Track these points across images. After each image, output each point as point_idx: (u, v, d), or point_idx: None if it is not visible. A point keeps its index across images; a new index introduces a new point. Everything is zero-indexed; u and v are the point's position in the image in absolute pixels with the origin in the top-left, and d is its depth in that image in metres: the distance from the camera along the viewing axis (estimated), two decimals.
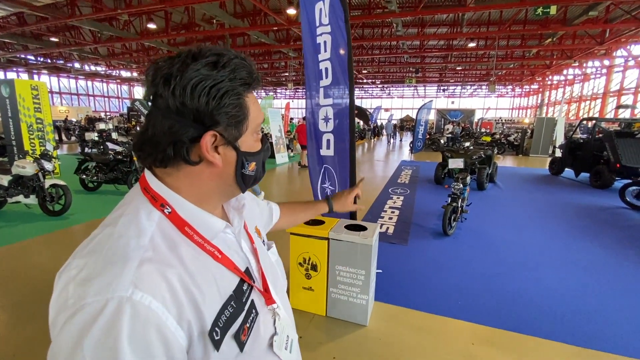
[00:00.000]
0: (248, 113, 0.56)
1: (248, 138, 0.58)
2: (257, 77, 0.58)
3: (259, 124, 0.60)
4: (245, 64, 0.55)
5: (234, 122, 0.55)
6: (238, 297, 0.56)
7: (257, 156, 0.61)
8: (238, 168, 0.58)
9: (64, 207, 4.97)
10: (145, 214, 0.52)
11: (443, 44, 18.86)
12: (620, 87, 21.42)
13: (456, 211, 4.47)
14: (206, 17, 14.04)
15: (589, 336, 2.44)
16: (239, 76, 0.54)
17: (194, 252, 0.53)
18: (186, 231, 0.54)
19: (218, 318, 0.51)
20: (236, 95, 0.53)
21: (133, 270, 0.45)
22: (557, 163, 9.51)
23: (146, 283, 0.45)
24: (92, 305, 0.42)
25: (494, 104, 41.51)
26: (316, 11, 2.89)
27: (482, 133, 16.43)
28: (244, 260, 0.63)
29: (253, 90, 0.58)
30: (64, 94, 31.30)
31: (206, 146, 0.52)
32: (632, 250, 4.06)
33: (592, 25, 13.07)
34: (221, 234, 0.60)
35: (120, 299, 0.42)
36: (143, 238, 0.49)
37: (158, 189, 0.55)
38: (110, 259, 0.46)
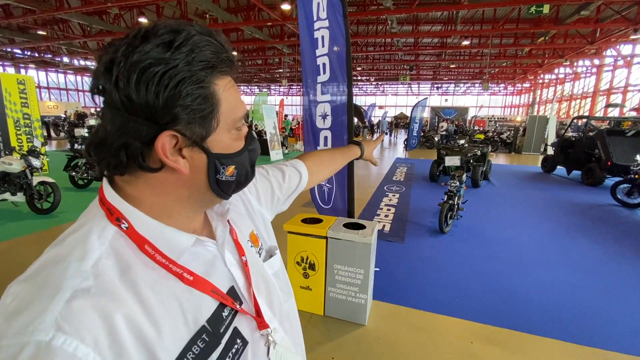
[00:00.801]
0: (218, 104, 0.45)
1: (222, 136, 0.47)
2: (229, 57, 0.46)
3: (238, 118, 0.49)
4: (211, 40, 0.44)
5: (198, 118, 0.43)
6: (214, 326, 0.46)
7: (238, 157, 0.49)
8: (211, 174, 0.47)
9: (52, 205, 4.85)
10: (98, 231, 0.43)
11: (437, 41, 18.91)
12: (609, 86, 21.76)
13: (452, 209, 4.47)
14: (199, 12, 13.83)
15: (586, 333, 2.45)
16: (199, 58, 0.42)
17: (155, 276, 0.43)
18: (146, 250, 0.44)
19: (181, 358, 0.42)
20: (196, 82, 0.42)
21: (61, 305, 0.36)
22: (550, 161, 9.62)
23: (74, 323, 0.35)
24: (8, 349, 0.34)
25: (486, 101, 41.88)
26: (314, 5, 2.82)
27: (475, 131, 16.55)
28: (228, 277, 0.52)
29: (226, 75, 0.47)
30: (53, 89, 30.62)
31: (163, 150, 0.42)
32: (624, 247, 4.11)
33: (583, 25, 13.22)
34: (198, 248, 0.50)
35: (38, 345, 0.34)
36: (86, 262, 0.40)
37: (113, 201, 0.45)
38: (41, 289, 0.37)
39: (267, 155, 11.26)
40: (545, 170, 9.77)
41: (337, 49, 2.77)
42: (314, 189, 3.27)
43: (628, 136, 7.85)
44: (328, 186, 3.15)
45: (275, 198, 0.80)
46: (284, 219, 2.68)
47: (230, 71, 0.48)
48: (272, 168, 0.83)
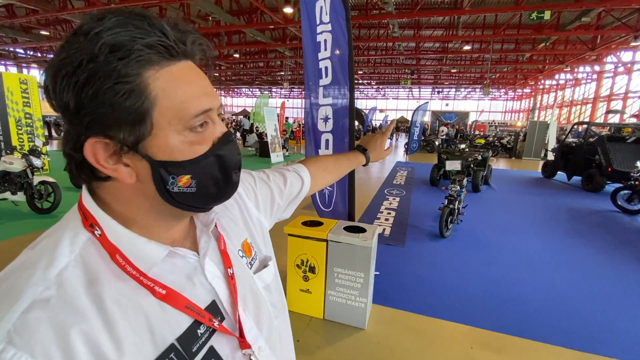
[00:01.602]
0: (155, 100, 0.38)
1: (168, 139, 0.40)
2: (167, 40, 0.38)
3: (189, 115, 0.40)
4: (135, 22, 0.37)
5: (125, 119, 0.37)
6: (185, 345, 0.42)
7: (195, 165, 0.42)
8: (157, 184, 0.41)
9: (53, 205, 4.84)
10: (70, 237, 0.41)
11: (438, 46, 18.98)
12: (610, 93, 21.82)
13: (453, 213, 4.47)
14: (202, 14, 13.89)
15: (585, 339, 2.44)
16: (119, 46, 0.35)
17: (124, 288, 0.40)
18: (117, 260, 0.41)
19: None
20: (112, 76, 0.35)
21: (16, 315, 0.34)
22: (550, 166, 9.62)
23: (26, 336, 0.33)
24: None
25: (487, 106, 41.98)
26: (317, 9, 2.84)
27: (476, 135, 16.58)
28: (209, 291, 0.48)
29: (173, 62, 0.39)
30: None
31: (95, 157, 0.38)
32: (625, 254, 4.10)
33: (584, 31, 13.29)
34: (177, 260, 0.46)
35: None
36: (52, 270, 0.37)
37: (88, 206, 0.43)
38: (3, 296, 0.36)
39: (268, 157, 11.27)
40: (546, 176, 9.78)
41: (338, 52, 2.78)
42: (315, 192, 3.28)
43: (628, 142, 7.86)
44: (329, 189, 3.15)
45: (276, 205, 0.75)
46: (285, 222, 2.68)
47: (181, 57, 0.40)
48: (273, 172, 0.78)
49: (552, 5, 10.74)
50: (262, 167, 10.27)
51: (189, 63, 0.42)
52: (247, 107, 40.08)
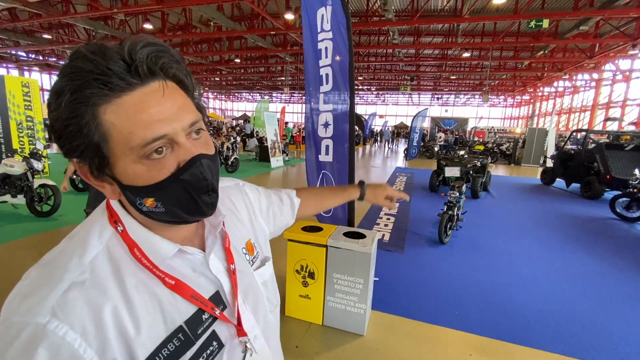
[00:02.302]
0: (105, 133, 0.41)
1: (128, 167, 0.43)
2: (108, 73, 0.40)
3: (137, 145, 0.42)
4: (81, 66, 0.39)
5: (84, 153, 0.43)
6: (191, 327, 0.49)
7: (158, 191, 0.44)
8: (131, 203, 0.46)
9: (52, 208, 4.84)
10: (98, 230, 0.48)
11: (438, 53, 19.14)
12: (608, 100, 21.96)
13: (452, 219, 4.47)
14: (203, 19, 14.02)
15: (584, 347, 2.44)
16: (67, 96, 0.40)
17: (141, 277, 0.47)
18: (135, 253, 0.48)
19: (156, 353, 0.45)
20: (67, 121, 0.40)
21: (59, 294, 0.41)
22: (549, 173, 9.65)
23: (66, 311, 0.41)
24: (15, 326, 0.40)
25: (486, 113, 42.19)
26: (318, 17, 2.88)
27: (475, 142, 16.65)
28: (214, 283, 0.54)
29: (118, 94, 0.41)
30: None
31: (82, 172, 0.46)
32: (623, 261, 4.11)
33: (582, 40, 13.42)
34: (186, 255, 0.52)
35: (36, 327, 0.39)
36: (85, 257, 0.45)
37: (114, 205, 0.50)
38: (47, 277, 0.43)
39: (268, 161, 11.30)
40: (545, 183, 9.80)
41: (339, 58, 2.81)
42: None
43: (627, 150, 7.90)
44: None
45: (272, 216, 0.81)
46: None
47: (124, 88, 0.41)
48: (271, 191, 0.84)
49: (551, 14, 10.89)
50: (262, 171, 10.30)
51: (152, 86, 0.43)
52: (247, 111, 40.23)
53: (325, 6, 2.79)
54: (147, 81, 0.43)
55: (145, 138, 0.42)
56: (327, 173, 3.15)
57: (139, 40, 0.42)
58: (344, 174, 2.99)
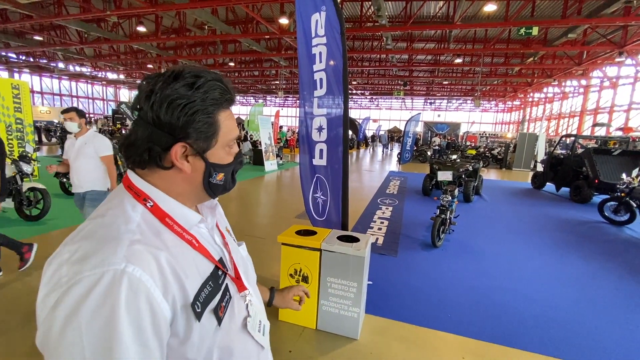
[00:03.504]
0: (218, 129, 0.63)
1: (218, 151, 0.65)
2: (231, 96, 0.65)
3: (231, 139, 0.67)
4: (219, 85, 0.62)
5: (203, 137, 0.61)
6: (215, 278, 0.64)
7: (226, 168, 0.68)
8: (205, 177, 0.65)
9: (42, 212, 4.76)
10: (130, 206, 0.60)
11: (431, 58, 19.38)
12: (596, 106, 22.45)
13: (445, 223, 4.51)
14: (197, 23, 14.00)
15: (573, 349, 2.47)
16: (211, 96, 0.61)
17: (175, 240, 0.61)
18: (167, 222, 0.61)
19: (199, 293, 0.59)
20: (206, 113, 0.60)
21: (125, 248, 0.52)
22: (539, 177, 9.80)
23: (137, 258, 0.52)
24: (89, 277, 0.48)
25: (478, 118, 42.73)
26: (312, 22, 2.91)
27: (467, 146, 16.84)
28: (218, 251, 0.70)
29: (228, 107, 0.65)
30: (46, 94, 30.37)
31: (175, 154, 0.60)
32: (611, 264, 4.18)
33: (570, 47, 13.73)
34: (196, 227, 0.67)
35: (115, 271, 0.49)
36: (131, 224, 0.57)
37: (141, 186, 0.62)
38: (103, 240, 0.53)
39: (262, 165, 11.27)
40: (535, 187, 9.95)
41: (332, 63, 2.84)
42: (309, 201, 3.29)
43: (614, 155, 8.07)
44: (322, 198, 3.17)
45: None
46: (278, 231, 2.68)
47: (230, 106, 0.66)
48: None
49: (540, 22, 11.13)
50: (256, 175, 10.26)
51: (231, 110, 0.69)
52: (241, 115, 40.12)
53: (320, 12, 2.82)
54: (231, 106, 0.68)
55: (232, 136, 0.67)
56: (321, 177, 3.16)
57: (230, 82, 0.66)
58: (337, 178, 3.00)
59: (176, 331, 0.56)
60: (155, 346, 0.52)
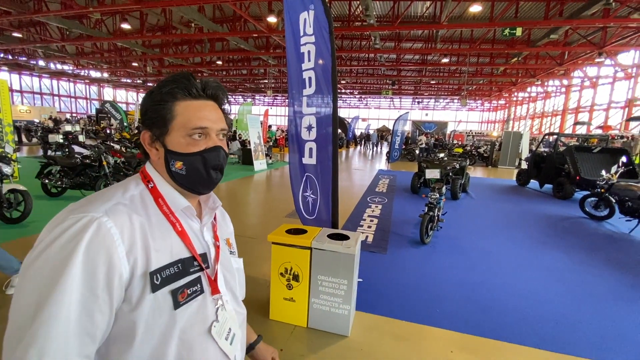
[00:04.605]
0: (173, 116, 0.68)
1: (177, 139, 0.68)
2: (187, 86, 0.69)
3: (191, 127, 0.68)
4: (179, 79, 0.69)
5: (157, 124, 0.68)
6: (186, 264, 0.68)
7: (187, 158, 0.69)
8: (166, 163, 0.70)
9: (23, 214, 4.61)
10: (135, 184, 0.70)
11: (418, 58, 19.60)
12: (577, 105, 23.15)
13: (433, 220, 4.58)
14: (184, 21, 13.80)
15: (557, 340, 2.55)
16: (166, 89, 0.68)
17: (160, 218, 0.68)
18: (159, 202, 0.69)
19: (163, 269, 0.63)
20: (157, 103, 0.67)
21: (110, 205, 0.61)
22: (524, 175, 10.04)
23: (114, 214, 0.60)
24: (72, 219, 0.57)
25: (464, 117, 43.47)
26: (300, 21, 2.91)
27: (454, 145, 17.11)
28: (204, 246, 0.74)
29: (188, 98, 0.69)
30: (26, 93, 29.40)
31: (144, 140, 0.71)
32: (592, 258, 4.32)
33: (552, 47, 14.11)
34: (184, 216, 0.72)
35: (92, 217, 0.57)
36: (127, 193, 0.66)
37: (149, 171, 0.73)
38: (98, 199, 0.63)
39: (251, 164, 11.19)
40: (520, 184, 10.19)
41: (321, 62, 2.84)
42: (299, 200, 3.29)
43: (594, 152, 8.34)
44: (312, 197, 3.18)
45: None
46: (268, 230, 2.68)
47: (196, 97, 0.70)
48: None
49: (523, 22, 11.40)
50: (245, 174, 10.19)
51: (209, 102, 0.72)
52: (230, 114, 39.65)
53: (308, 10, 2.82)
54: (208, 99, 0.72)
55: (195, 124, 0.69)
56: (310, 176, 3.17)
57: (212, 79, 0.73)
58: (327, 177, 3.01)
59: (130, 296, 0.59)
60: (103, 298, 0.56)
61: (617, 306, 3.12)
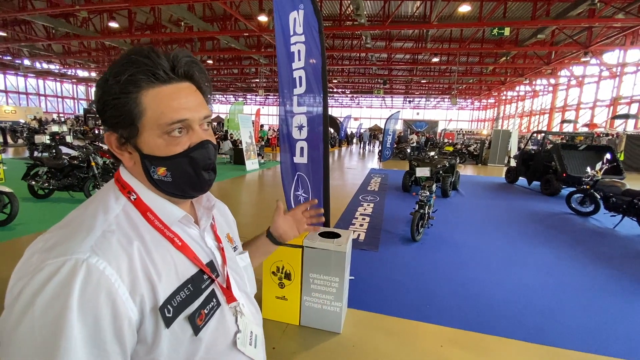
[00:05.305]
0: (141, 111, 0.53)
1: (153, 139, 0.54)
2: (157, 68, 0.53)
3: (164, 124, 0.54)
4: (135, 58, 0.53)
5: (122, 123, 0.54)
6: (196, 282, 0.59)
7: (170, 161, 0.56)
8: (145, 171, 0.57)
9: (9, 217, 4.52)
10: (114, 197, 0.57)
11: (409, 57, 19.74)
12: (564, 104, 23.62)
13: (423, 217, 4.64)
14: (173, 19, 13.64)
15: (544, 333, 2.62)
16: (124, 77, 0.52)
17: (154, 236, 0.56)
18: (148, 216, 0.57)
19: (172, 297, 0.54)
20: (116, 96, 0.52)
21: (95, 238, 0.49)
22: (512, 172, 10.21)
23: (104, 250, 0.48)
24: (51, 266, 0.45)
25: (455, 115, 43.94)
26: (290, 20, 2.91)
27: (445, 143, 17.30)
28: (208, 254, 0.65)
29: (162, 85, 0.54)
30: (11, 93, 28.72)
31: (109, 143, 0.57)
32: (578, 252, 4.43)
33: (540, 47, 14.37)
34: (182, 226, 0.62)
35: (77, 260, 0.46)
36: (109, 214, 0.54)
37: (126, 178, 0.59)
38: (77, 229, 0.50)
39: (243, 164, 11.14)
40: (509, 181, 10.36)
41: (313, 61, 2.86)
42: (290, 199, 3.30)
43: (580, 150, 8.54)
44: (304, 196, 3.19)
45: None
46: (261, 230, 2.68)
47: (165, 80, 0.55)
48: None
49: (511, 22, 11.58)
50: (237, 174, 10.15)
51: (183, 84, 0.57)
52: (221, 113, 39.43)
53: (297, 10, 2.83)
54: (181, 80, 0.57)
55: (172, 118, 0.54)
56: (302, 175, 3.18)
57: (181, 52, 0.57)
58: (318, 176, 3.03)
59: (144, 337, 0.51)
60: (115, 351, 0.47)
61: (601, 298, 3.21)
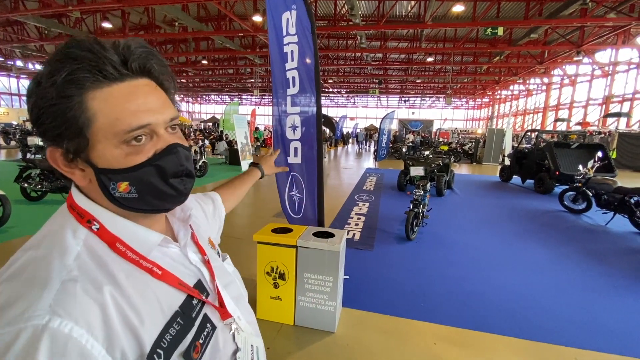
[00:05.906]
0: (89, 118, 0.43)
1: (108, 151, 0.45)
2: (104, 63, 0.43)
3: (121, 131, 0.44)
4: (75, 52, 0.42)
5: (66, 134, 0.43)
6: (186, 312, 0.51)
7: (132, 173, 0.46)
8: (102, 188, 0.46)
9: (1, 219, 4.47)
10: (71, 232, 0.46)
11: (404, 57, 19.83)
12: (557, 103, 23.86)
13: (418, 216, 4.67)
14: (167, 19, 13.58)
15: (537, 329, 2.65)
16: (62, 76, 0.41)
17: (129, 270, 0.47)
18: (118, 248, 0.47)
19: (161, 338, 0.46)
20: (53, 102, 0.42)
21: (53, 293, 0.39)
22: (507, 171, 10.29)
23: (67, 307, 0.39)
24: (2, 337, 0.35)
25: (450, 115, 44.15)
26: (283, 21, 2.92)
27: (440, 142, 17.38)
28: (195, 273, 0.57)
29: (109, 83, 0.44)
30: (3, 94, 28.39)
31: (55, 161, 0.46)
32: (570, 249, 4.48)
33: (533, 47, 14.50)
34: (164, 248, 0.54)
35: (35, 328, 0.36)
36: (67, 257, 0.43)
37: (84, 205, 0.48)
38: (29, 283, 0.40)
39: (238, 165, 11.11)
40: (503, 180, 10.44)
41: (308, 60, 2.87)
42: (284, 199, 3.31)
43: (573, 148, 8.63)
44: (298, 196, 3.20)
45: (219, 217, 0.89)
46: (256, 230, 2.69)
47: (115, 78, 0.44)
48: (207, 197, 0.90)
49: (505, 22, 11.68)
50: (232, 175, 10.09)
51: (140, 81, 0.47)
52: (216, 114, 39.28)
53: (290, 10, 2.83)
54: (136, 76, 0.47)
55: (131, 125, 0.45)
56: (296, 175, 3.19)
57: (133, 41, 0.47)
58: (312, 175, 3.04)
59: None
60: None
61: (593, 295, 3.25)
